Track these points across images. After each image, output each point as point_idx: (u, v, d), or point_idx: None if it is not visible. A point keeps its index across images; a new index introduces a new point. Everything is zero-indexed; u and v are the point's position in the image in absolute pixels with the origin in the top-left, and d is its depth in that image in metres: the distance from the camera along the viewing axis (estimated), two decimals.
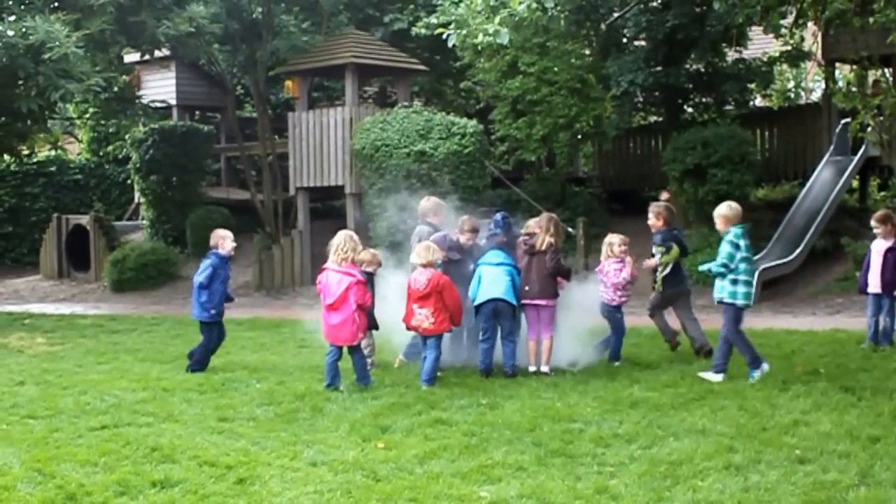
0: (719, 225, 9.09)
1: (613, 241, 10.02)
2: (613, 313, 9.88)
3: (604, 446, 6.58)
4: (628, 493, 5.60)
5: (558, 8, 7.81)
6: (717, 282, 8.92)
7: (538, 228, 9.49)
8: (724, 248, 8.84)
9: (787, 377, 8.67)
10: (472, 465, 6.19)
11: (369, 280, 9.31)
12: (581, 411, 7.59)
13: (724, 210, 9.11)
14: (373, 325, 9.27)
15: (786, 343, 10.70)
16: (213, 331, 10.10)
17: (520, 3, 8.11)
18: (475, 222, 9.94)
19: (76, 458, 6.48)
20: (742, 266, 8.81)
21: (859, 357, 9.71)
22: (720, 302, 8.93)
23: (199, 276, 9.96)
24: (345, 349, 8.89)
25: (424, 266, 8.97)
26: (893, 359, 9.50)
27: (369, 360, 9.40)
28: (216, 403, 8.22)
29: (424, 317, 8.97)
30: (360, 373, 8.90)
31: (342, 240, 8.96)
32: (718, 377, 8.72)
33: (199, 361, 9.94)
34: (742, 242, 8.84)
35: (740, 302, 8.83)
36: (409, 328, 9.20)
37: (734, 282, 8.81)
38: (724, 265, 8.80)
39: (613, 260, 9.90)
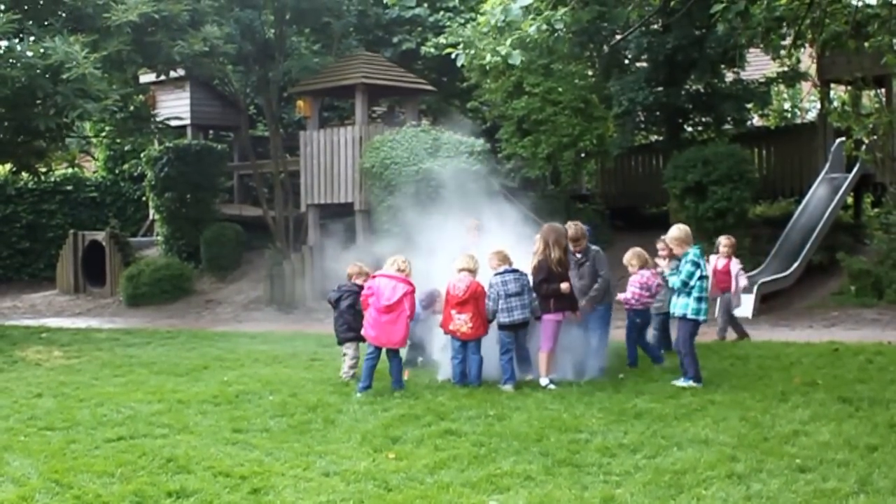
0: (676, 249, 9.42)
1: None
2: None
3: (609, 456, 6.67)
4: (634, 502, 5.69)
5: (563, 29, 7.98)
6: (677, 299, 9.27)
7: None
8: (686, 267, 9.17)
9: (786, 388, 8.81)
10: (482, 474, 6.28)
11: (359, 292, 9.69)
12: (587, 422, 7.70)
13: (677, 233, 9.42)
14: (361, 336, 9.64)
15: (784, 355, 10.80)
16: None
17: (531, 25, 8.27)
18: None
19: (93, 469, 6.57)
20: (702, 283, 9.18)
21: (856, 368, 9.80)
22: (682, 318, 9.23)
23: None
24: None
25: (463, 271, 9.34)
26: (889, 370, 9.58)
27: (352, 372, 9.82)
28: (230, 415, 8.35)
29: (463, 322, 9.31)
30: (396, 377, 9.25)
31: (401, 257, 9.43)
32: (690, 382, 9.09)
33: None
34: (701, 262, 9.22)
35: (702, 318, 9.26)
36: (446, 332, 9.50)
37: (698, 299, 9.17)
38: (685, 283, 9.14)
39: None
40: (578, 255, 9.92)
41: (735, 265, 12.02)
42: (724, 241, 12.05)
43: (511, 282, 9.26)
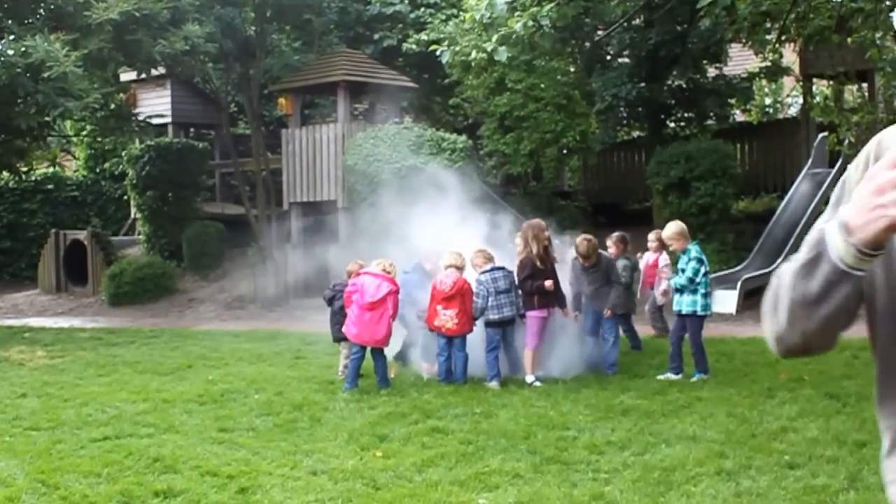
0: (675, 245, 9.43)
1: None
2: None
3: (598, 453, 6.66)
4: (624, 499, 5.66)
5: (549, 25, 7.97)
6: (682, 297, 9.27)
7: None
8: (691, 265, 9.17)
9: (772, 384, 8.82)
10: (470, 472, 6.26)
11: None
12: (574, 419, 7.69)
13: (675, 228, 9.49)
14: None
15: (769, 351, 10.68)
16: None
17: (517, 22, 8.26)
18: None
19: (79, 470, 6.53)
20: (706, 279, 9.25)
21: (842, 364, 9.79)
22: (692, 315, 9.25)
23: None
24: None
25: (450, 268, 9.32)
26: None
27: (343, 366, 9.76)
28: (216, 414, 8.31)
29: (449, 317, 9.29)
30: (381, 375, 9.23)
31: (387, 259, 9.42)
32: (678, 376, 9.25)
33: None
34: (703, 257, 9.30)
35: (709, 312, 9.36)
36: (431, 329, 9.48)
37: (704, 295, 9.21)
38: (690, 279, 9.16)
39: None
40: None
41: (663, 260, 11.67)
42: (652, 235, 11.85)
43: (500, 279, 9.33)
